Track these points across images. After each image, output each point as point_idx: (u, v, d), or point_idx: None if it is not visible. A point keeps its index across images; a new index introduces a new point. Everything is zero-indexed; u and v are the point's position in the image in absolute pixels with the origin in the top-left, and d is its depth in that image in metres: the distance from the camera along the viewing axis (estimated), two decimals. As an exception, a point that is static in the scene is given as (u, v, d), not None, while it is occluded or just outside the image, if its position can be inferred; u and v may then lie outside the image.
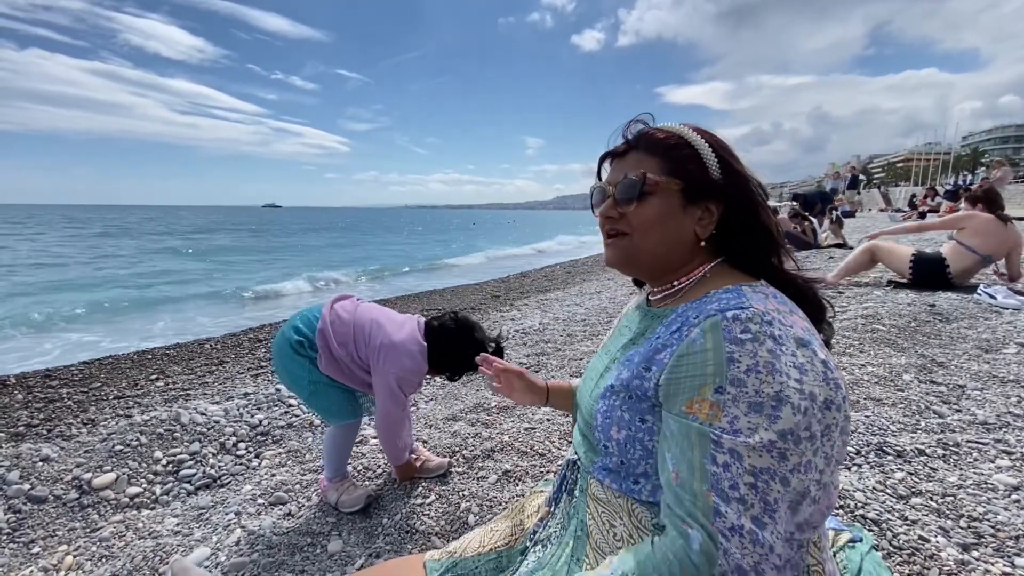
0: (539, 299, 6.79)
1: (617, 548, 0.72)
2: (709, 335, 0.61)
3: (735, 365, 0.57)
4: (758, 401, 0.55)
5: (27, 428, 3.03)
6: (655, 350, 0.69)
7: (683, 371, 0.62)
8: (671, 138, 0.75)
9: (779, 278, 0.73)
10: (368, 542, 1.54)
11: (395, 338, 1.62)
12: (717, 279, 0.73)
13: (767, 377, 0.56)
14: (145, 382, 3.99)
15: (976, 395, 2.06)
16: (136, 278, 12.36)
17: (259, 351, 4.93)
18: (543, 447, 2.03)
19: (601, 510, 0.75)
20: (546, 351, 3.54)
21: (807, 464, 0.55)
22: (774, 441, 0.54)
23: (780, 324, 0.59)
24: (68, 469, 2.10)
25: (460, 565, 0.93)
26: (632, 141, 0.78)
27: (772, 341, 0.58)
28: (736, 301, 0.63)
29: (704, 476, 0.57)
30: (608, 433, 0.72)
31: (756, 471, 0.54)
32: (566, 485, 0.86)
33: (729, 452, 0.56)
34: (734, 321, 0.60)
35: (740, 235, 0.74)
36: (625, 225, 0.75)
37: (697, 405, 0.59)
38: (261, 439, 2.43)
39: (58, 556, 1.67)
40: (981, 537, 1.25)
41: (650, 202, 0.73)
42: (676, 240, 0.75)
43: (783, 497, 0.54)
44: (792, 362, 0.56)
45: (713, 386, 0.58)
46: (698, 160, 0.73)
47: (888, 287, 4.34)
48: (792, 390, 0.55)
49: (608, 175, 0.81)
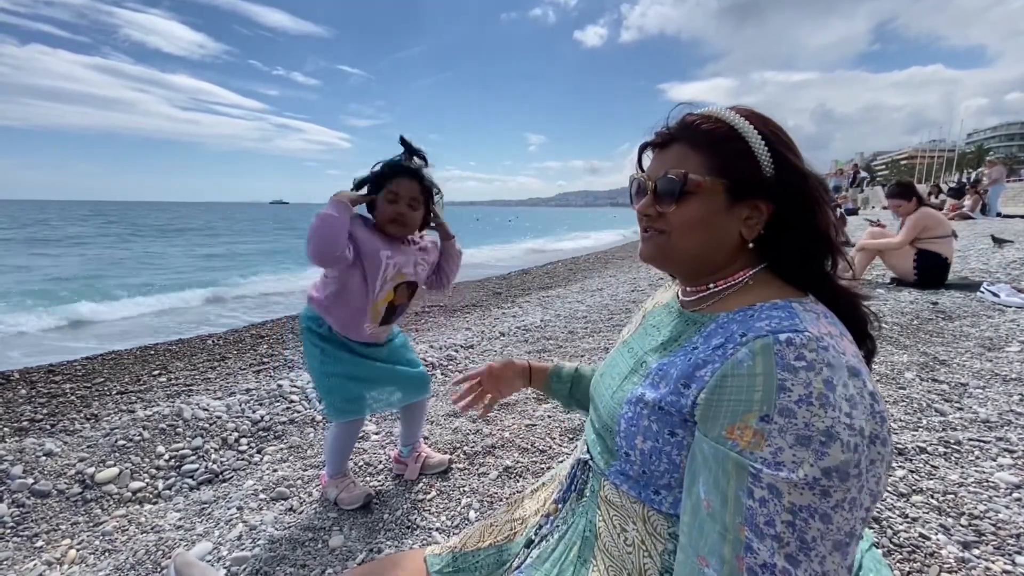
0: (541, 296, 6.79)
1: (628, 552, 0.70)
2: (759, 358, 0.56)
3: (786, 394, 0.53)
4: (807, 435, 0.51)
5: (30, 423, 3.05)
6: (695, 366, 0.63)
7: (727, 393, 0.57)
8: (719, 128, 0.68)
9: (828, 291, 0.68)
10: (369, 537, 1.55)
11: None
12: (761, 289, 0.68)
13: (819, 410, 0.51)
14: (147, 377, 4.01)
15: (978, 393, 2.06)
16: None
17: (261, 347, 4.94)
18: (544, 443, 2.03)
19: (613, 513, 0.73)
20: (548, 348, 3.54)
21: (852, 501, 0.51)
22: (818, 478, 0.50)
23: (835, 351, 0.55)
24: (71, 464, 2.11)
25: (461, 559, 0.93)
26: (675, 131, 0.71)
27: (828, 370, 0.53)
28: (789, 322, 0.58)
29: (738, 509, 0.53)
30: (632, 442, 0.68)
31: (795, 508, 0.50)
32: (576, 485, 0.83)
33: (768, 488, 0.52)
34: (788, 346, 0.55)
35: (791, 239, 0.68)
36: (663, 224, 0.70)
37: (739, 432, 0.55)
38: (263, 435, 2.44)
39: (61, 550, 1.68)
40: (982, 535, 1.25)
41: (691, 203, 0.67)
42: (718, 242, 0.70)
43: (823, 535, 0.50)
44: (844, 394, 0.52)
45: (759, 414, 0.53)
46: (749, 155, 0.66)
47: (891, 285, 4.33)
48: (843, 425, 0.51)
49: (649, 167, 0.74)
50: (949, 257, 4.15)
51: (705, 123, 0.69)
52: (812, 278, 0.68)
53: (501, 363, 1.14)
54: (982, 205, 11.22)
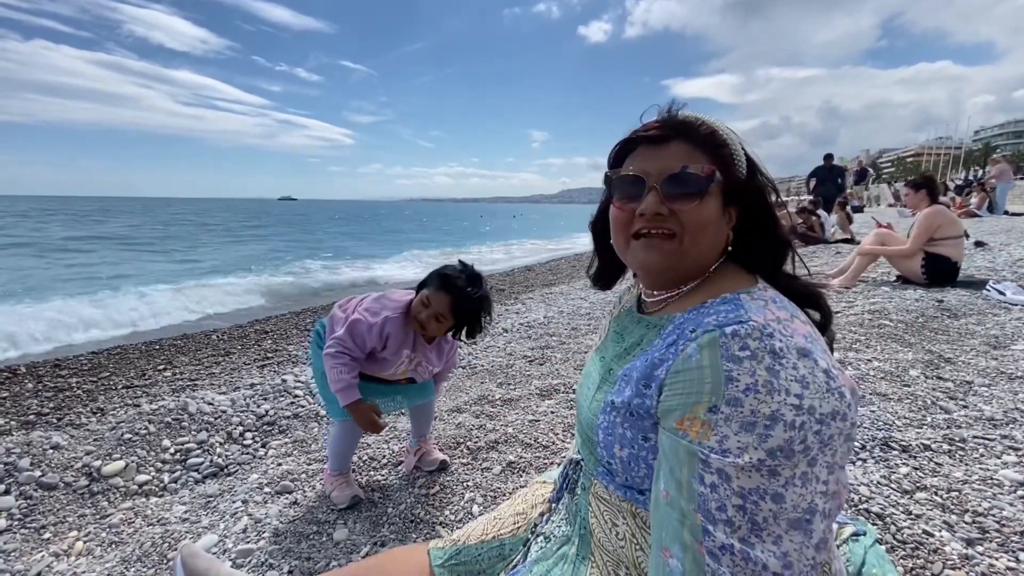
0: (543, 293, 6.79)
1: (620, 546, 0.71)
2: (706, 351, 0.58)
3: (733, 384, 0.54)
4: (752, 421, 0.53)
5: (37, 416, 3.07)
6: (652, 365, 0.65)
7: (678, 388, 0.59)
8: (715, 134, 0.69)
9: (783, 280, 0.70)
10: (373, 531, 1.56)
11: (384, 293, 1.70)
12: (719, 281, 0.70)
13: (765, 396, 0.53)
14: (153, 372, 4.03)
15: (983, 391, 2.05)
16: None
17: (265, 342, 4.96)
18: (547, 439, 2.04)
19: (603, 509, 0.74)
20: (550, 344, 3.54)
21: (803, 476, 0.52)
22: (763, 460, 0.52)
23: (780, 335, 0.56)
24: (78, 457, 2.12)
25: (463, 552, 0.94)
26: (675, 127, 0.70)
27: (771, 357, 0.54)
28: (735, 314, 0.60)
29: (691, 495, 0.54)
30: (611, 451, 0.69)
31: (744, 492, 0.52)
32: (568, 483, 0.84)
33: (717, 472, 0.53)
34: (732, 337, 0.57)
35: (753, 242, 0.70)
36: (674, 224, 0.67)
37: (688, 422, 0.57)
38: (267, 429, 2.46)
39: (68, 541, 1.69)
40: (986, 532, 1.24)
41: (708, 201, 0.67)
42: (718, 243, 0.70)
43: (777, 515, 0.51)
44: (793, 375, 0.54)
45: (707, 405, 0.55)
46: (734, 161, 0.69)
47: (896, 283, 4.31)
48: (788, 407, 0.52)
49: (645, 163, 0.70)
50: (959, 260, 4.01)
51: (703, 126, 0.69)
52: (771, 268, 0.71)
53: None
54: (989, 203, 11.14)
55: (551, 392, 2.57)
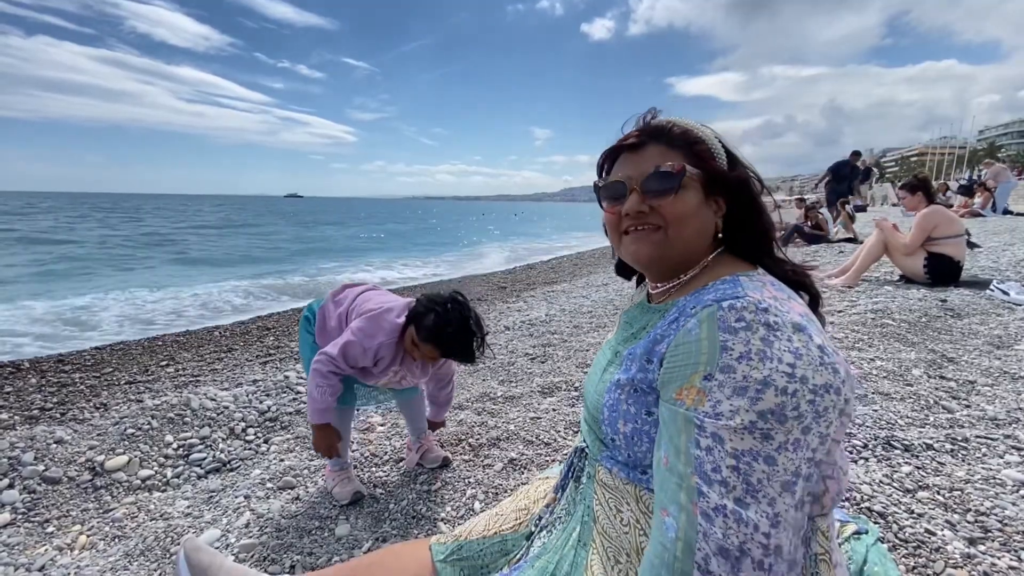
0: (545, 291, 6.79)
1: (624, 533, 0.72)
2: (704, 325, 0.61)
3: (727, 353, 0.58)
4: (744, 385, 0.56)
5: (41, 411, 3.09)
6: (654, 341, 0.70)
7: (677, 360, 0.63)
8: (688, 133, 0.75)
9: (776, 266, 0.74)
10: (375, 526, 1.56)
11: (374, 305, 1.64)
12: (717, 268, 0.74)
13: (757, 363, 0.56)
14: (156, 368, 4.05)
15: (986, 391, 2.05)
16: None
17: (267, 339, 4.97)
18: (548, 436, 2.04)
19: (608, 496, 0.76)
20: (552, 342, 3.54)
21: (795, 443, 0.55)
22: (755, 422, 0.54)
23: (776, 311, 0.59)
24: (81, 451, 2.13)
25: (465, 548, 0.94)
26: (649, 133, 0.77)
27: (766, 328, 0.58)
28: (732, 291, 0.64)
29: (688, 459, 0.57)
30: (615, 427, 0.72)
31: (738, 453, 0.55)
32: (573, 472, 0.86)
33: (712, 436, 0.56)
34: (729, 310, 0.60)
35: (742, 229, 0.75)
36: (656, 219, 0.73)
37: (685, 392, 0.60)
38: (270, 425, 2.46)
39: (72, 535, 1.70)
40: (988, 531, 1.24)
41: (685, 195, 0.72)
42: (703, 233, 0.75)
43: (770, 477, 0.54)
44: (787, 347, 0.56)
45: (703, 374, 0.59)
46: (712, 155, 0.74)
47: (899, 282, 4.30)
48: (780, 374, 0.55)
49: (626, 169, 0.77)
50: (961, 259, 3.99)
51: (676, 128, 0.76)
52: (764, 256, 0.75)
53: None
54: (992, 202, 11.10)
55: (553, 389, 2.57)
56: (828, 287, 4.35)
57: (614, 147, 0.80)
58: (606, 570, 0.73)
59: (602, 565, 0.74)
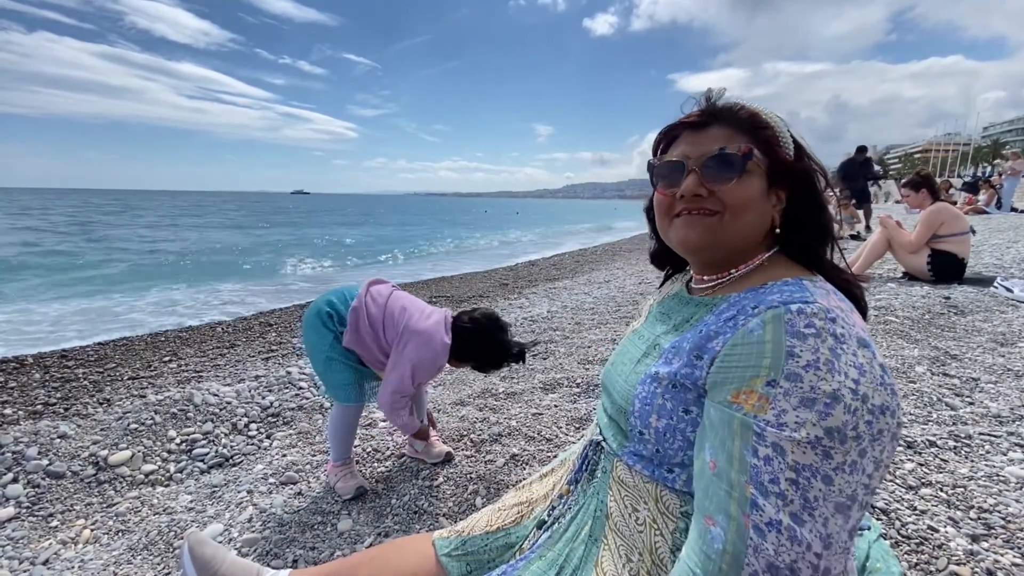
0: (547, 287, 6.79)
1: (638, 531, 0.71)
2: (770, 327, 0.58)
3: (794, 360, 0.54)
4: (811, 397, 0.53)
5: (44, 406, 3.10)
6: (707, 337, 0.66)
7: (735, 360, 0.59)
8: (756, 116, 0.71)
9: (833, 274, 0.71)
10: (377, 521, 1.57)
11: (421, 326, 1.65)
12: (774, 269, 0.71)
13: (826, 374, 0.53)
14: (159, 363, 4.06)
15: (990, 388, 2.04)
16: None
17: (269, 335, 4.98)
18: (550, 432, 2.04)
19: (625, 493, 0.74)
20: (554, 339, 3.54)
21: (852, 465, 0.52)
22: (820, 438, 0.52)
23: (843, 323, 0.56)
24: (85, 446, 2.14)
25: (469, 543, 0.94)
26: (714, 113, 0.73)
27: (834, 339, 0.55)
28: (800, 295, 0.60)
29: (743, 467, 0.54)
30: (646, 421, 0.69)
31: (799, 467, 0.52)
32: (588, 465, 0.84)
33: (772, 446, 0.53)
34: (798, 315, 0.57)
35: (802, 225, 0.71)
36: (715, 203, 0.69)
37: (744, 396, 0.57)
38: (272, 420, 2.47)
39: (76, 529, 1.71)
40: (991, 528, 1.24)
41: (748, 181, 0.68)
42: (761, 224, 0.71)
43: (826, 496, 0.51)
44: (852, 362, 0.54)
45: (766, 379, 0.55)
46: (779, 144, 0.70)
47: (902, 279, 4.28)
48: (847, 389, 0.52)
49: (685, 148, 0.73)
50: (965, 256, 3.98)
51: (743, 110, 0.72)
52: (821, 261, 0.71)
53: None
54: (997, 199, 11.04)
55: (554, 386, 2.57)
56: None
57: (674, 125, 0.76)
58: (616, 567, 0.72)
59: (613, 562, 0.73)
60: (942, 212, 4.02)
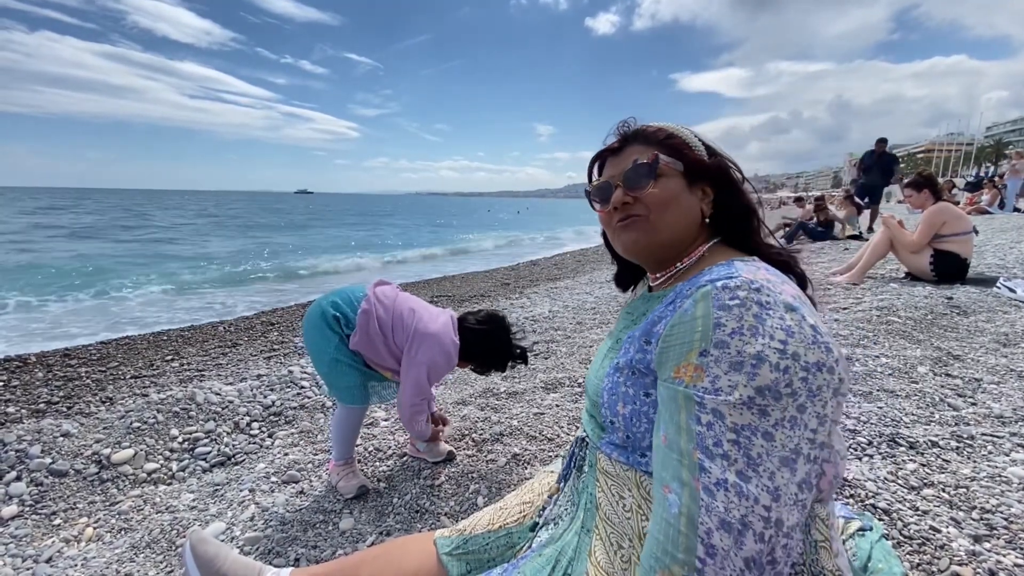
0: (549, 287, 6.79)
1: (626, 518, 0.74)
2: (700, 304, 0.63)
3: (721, 329, 0.59)
4: (739, 360, 0.57)
5: (47, 405, 3.11)
6: (652, 323, 0.72)
7: (674, 339, 0.64)
8: (661, 130, 0.82)
9: (770, 255, 0.77)
10: (379, 520, 1.57)
11: (431, 328, 1.66)
12: (713, 257, 0.78)
13: (750, 339, 0.57)
14: (161, 362, 4.06)
15: (992, 389, 2.04)
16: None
17: (271, 334, 4.99)
18: (552, 432, 2.04)
19: (610, 483, 0.77)
20: (555, 338, 3.54)
21: (792, 420, 0.56)
22: (752, 397, 0.56)
23: (768, 291, 0.61)
24: (88, 444, 2.15)
25: (471, 542, 0.95)
26: (628, 136, 0.84)
27: (758, 306, 0.59)
28: (727, 272, 0.66)
29: (690, 436, 0.58)
30: (614, 409, 0.74)
31: (738, 427, 0.56)
32: (575, 462, 0.88)
33: (712, 412, 0.57)
34: (723, 289, 0.62)
35: (728, 210, 0.80)
36: (641, 208, 0.78)
37: (683, 370, 0.61)
38: (274, 419, 2.47)
39: (79, 527, 1.72)
40: (993, 529, 1.24)
41: (663, 182, 0.78)
42: (688, 218, 0.79)
43: (769, 452, 0.55)
44: (780, 325, 0.58)
45: (698, 350, 0.60)
46: (688, 147, 0.80)
47: (905, 279, 4.27)
48: (772, 349, 0.56)
49: (609, 170, 0.85)
50: (968, 256, 3.96)
51: (651, 128, 0.83)
52: (758, 245, 0.79)
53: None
54: (1000, 199, 11.00)
55: (556, 385, 2.57)
56: (833, 284, 4.34)
57: (598, 153, 0.88)
58: (608, 555, 0.74)
59: (604, 550, 0.75)
60: (944, 212, 4.00)
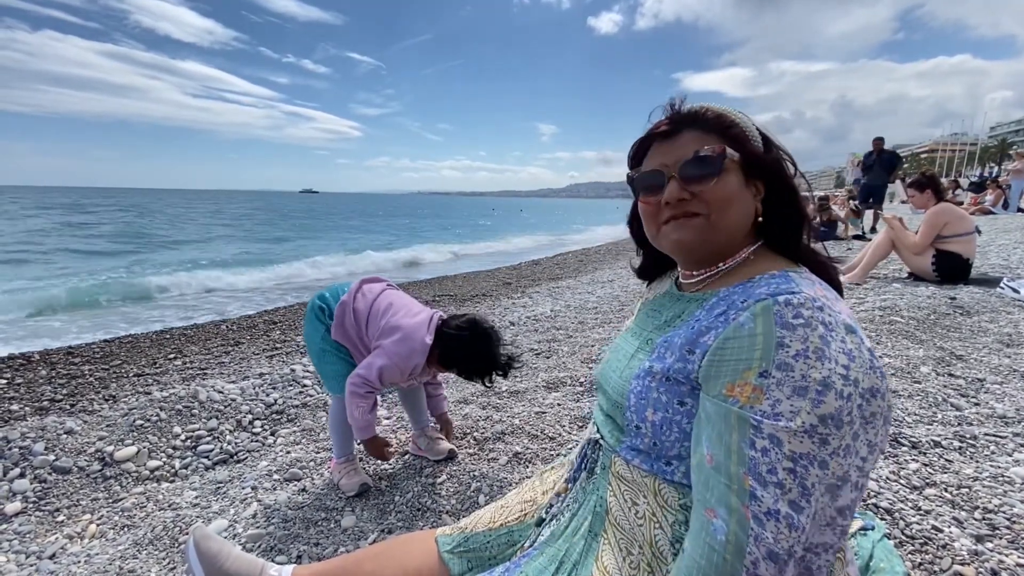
0: (550, 287, 6.79)
1: (638, 525, 0.72)
2: (760, 319, 0.59)
3: (784, 350, 0.56)
4: (803, 386, 0.54)
5: (51, 403, 3.12)
6: (699, 332, 0.67)
7: (728, 354, 0.61)
8: (722, 117, 0.74)
9: (814, 262, 0.73)
10: (380, 518, 1.57)
11: (403, 322, 1.64)
12: (760, 263, 0.73)
13: (815, 363, 0.54)
14: (164, 361, 4.08)
15: (995, 389, 2.03)
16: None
17: (274, 332, 5.00)
18: (553, 431, 2.04)
19: (624, 488, 0.75)
20: (557, 338, 3.54)
21: (847, 448, 0.54)
22: (815, 426, 0.53)
23: (830, 311, 0.58)
24: (91, 442, 2.16)
25: (472, 540, 0.95)
26: (682, 120, 0.75)
27: (824, 327, 0.56)
28: (786, 286, 0.62)
29: (742, 460, 0.55)
30: (642, 414, 0.70)
31: (795, 456, 0.53)
32: (586, 463, 0.85)
33: (769, 437, 0.54)
34: (786, 306, 0.58)
35: (780, 214, 0.74)
36: (699, 205, 0.71)
37: (739, 388, 0.58)
38: (276, 417, 2.48)
39: (82, 524, 1.72)
40: (996, 529, 1.23)
41: (726, 178, 0.71)
42: (746, 217, 0.74)
43: (821, 481, 0.53)
44: (841, 348, 0.55)
45: (758, 370, 0.57)
46: (747, 139, 0.73)
47: (907, 279, 4.26)
48: (838, 376, 0.54)
49: (661, 157, 0.75)
50: (971, 257, 3.95)
51: (708, 112, 0.75)
52: (803, 251, 0.74)
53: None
54: (1004, 200, 10.96)
55: (558, 385, 2.57)
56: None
57: (645, 136, 0.78)
58: (617, 561, 0.73)
59: (613, 556, 0.73)
60: (946, 212, 3.99)
